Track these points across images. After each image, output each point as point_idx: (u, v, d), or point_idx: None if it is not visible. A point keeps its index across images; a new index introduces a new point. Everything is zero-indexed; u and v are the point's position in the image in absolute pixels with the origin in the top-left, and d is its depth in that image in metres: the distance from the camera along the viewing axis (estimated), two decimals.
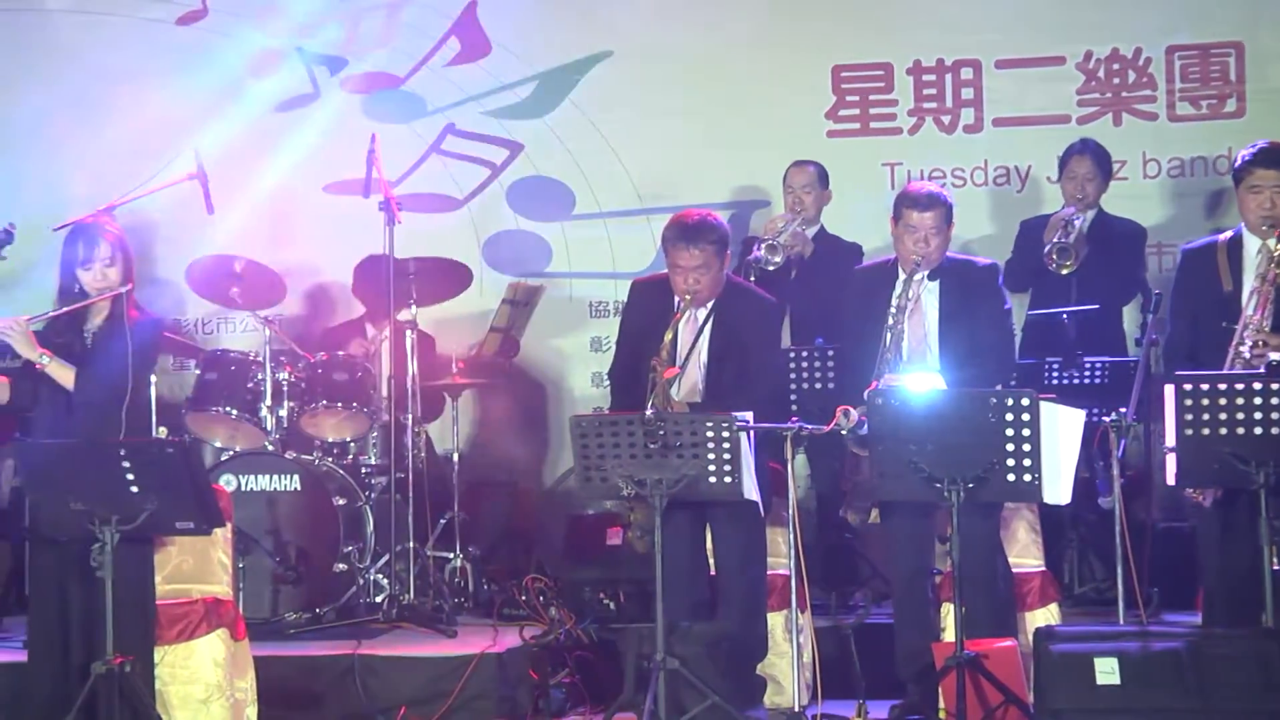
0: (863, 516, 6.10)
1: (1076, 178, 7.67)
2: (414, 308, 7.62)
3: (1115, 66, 8.47)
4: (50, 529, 5.62)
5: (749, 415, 5.76)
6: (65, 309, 5.83)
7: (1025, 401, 5.44)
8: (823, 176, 7.83)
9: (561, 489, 8.52)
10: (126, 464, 5.41)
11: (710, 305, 6.17)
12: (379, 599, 7.24)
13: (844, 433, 5.82)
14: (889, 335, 6.00)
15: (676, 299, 6.14)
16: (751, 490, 5.74)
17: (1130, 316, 7.74)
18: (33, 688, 5.73)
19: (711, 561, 6.27)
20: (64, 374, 5.74)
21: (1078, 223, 7.52)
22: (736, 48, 8.66)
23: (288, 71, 8.89)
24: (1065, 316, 7.36)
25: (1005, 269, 7.66)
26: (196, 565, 6.19)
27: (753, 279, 7.07)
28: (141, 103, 8.74)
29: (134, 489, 5.42)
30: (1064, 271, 7.43)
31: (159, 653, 5.87)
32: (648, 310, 6.24)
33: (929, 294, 6.10)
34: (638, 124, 8.70)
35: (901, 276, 6.08)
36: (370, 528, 7.37)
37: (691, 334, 6.14)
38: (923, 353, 6.06)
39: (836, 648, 6.46)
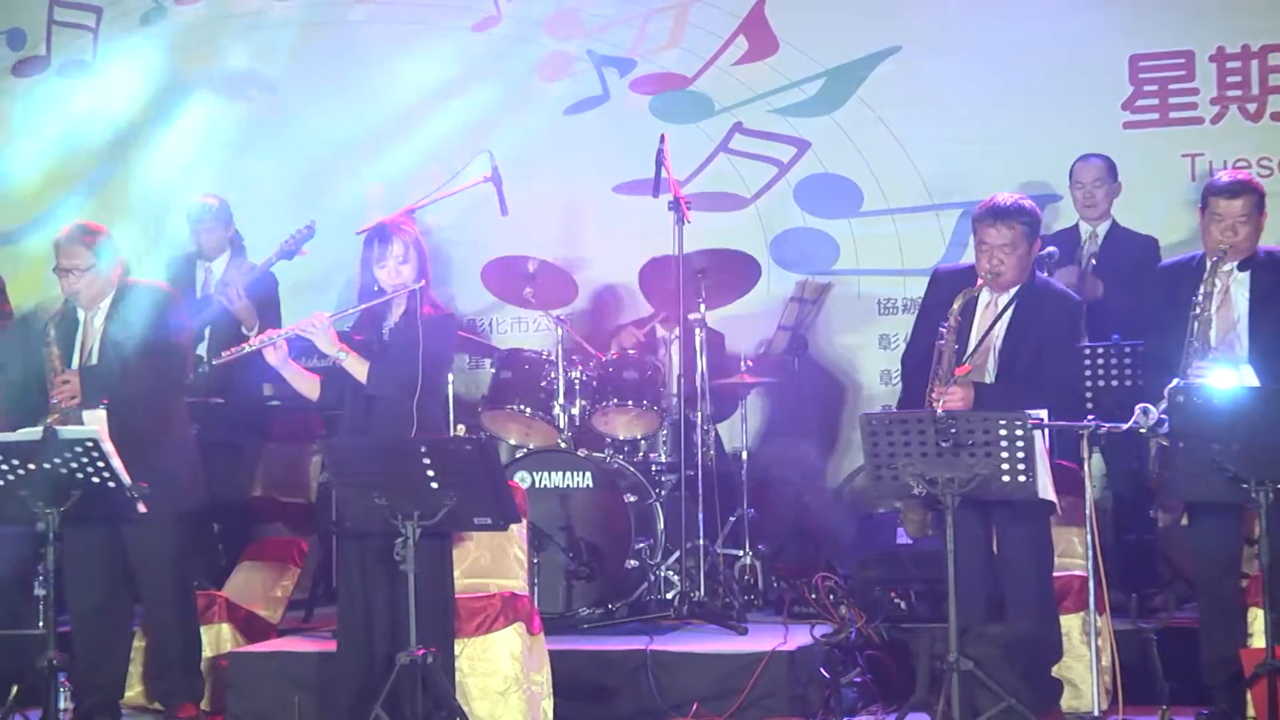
0: (1174, 516, 5.92)
1: None
2: (703, 306, 7.66)
3: None
4: (355, 524, 5.79)
5: (1043, 413, 5.64)
6: (363, 306, 6.01)
7: None
8: (1111, 169, 7.63)
9: (851, 486, 8.47)
10: (427, 461, 5.55)
11: (1012, 293, 6.06)
12: (670, 595, 7.29)
13: (1143, 431, 5.66)
14: (1195, 325, 5.83)
15: (979, 280, 6.05)
16: (1047, 490, 5.62)
17: None
18: (341, 676, 5.91)
19: None
20: (358, 368, 5.91)
21: None
22: (1028, 39, 8.48)
23: (578, 74, 9.03)
24: None
25: None
26: (493, 560, 6.34)
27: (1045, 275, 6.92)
28: (438, 108, 8.98)
29: (434, 485, 5.55)
30: None
31: (459, 645, 6.01)
32: (947, 298, 6.13)
33: (1239, 285, 5.92)
34: (927, 119, 8.60)
35: (1209, 266, 5.91)
36: (661, 525, 7.43)
37: (990, 318, 6.04)
38: (1231, 344, 5.88)
39: (1137, 652, 6.28)
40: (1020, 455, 5.48)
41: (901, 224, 8.67)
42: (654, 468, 7.62)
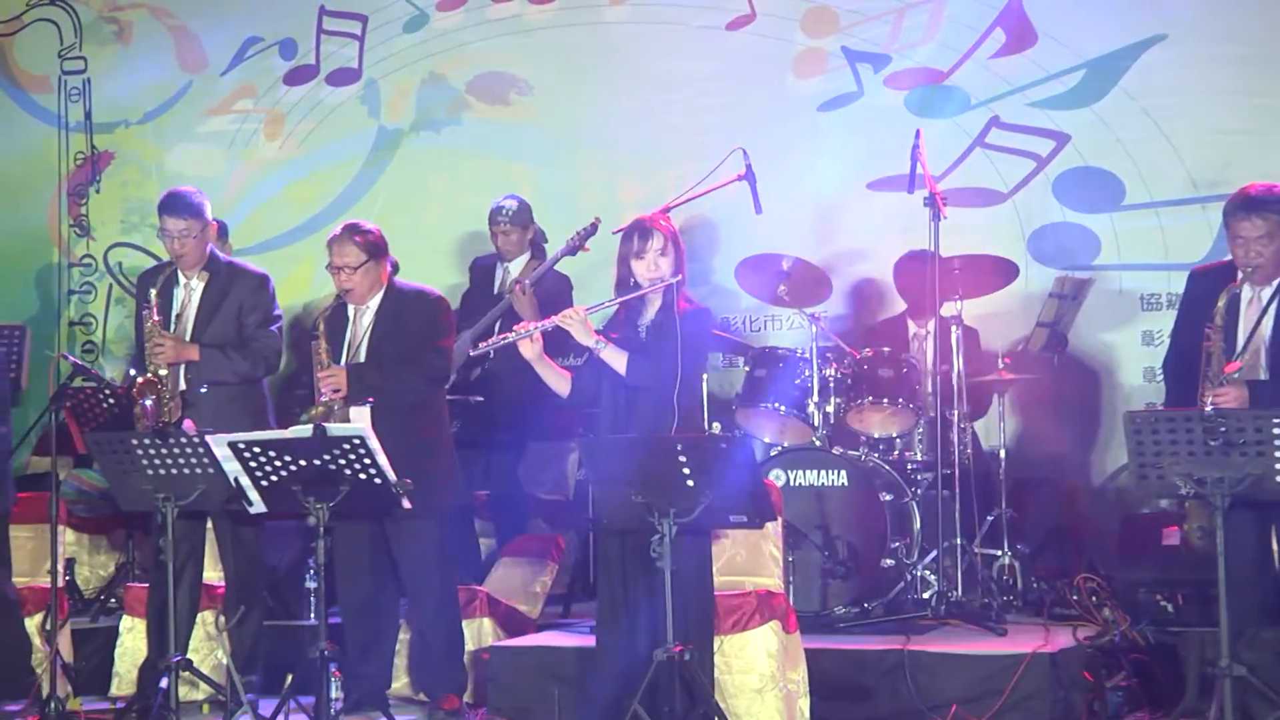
0: None
1: None
2: (959, 302, 7.57)
3: None
4: (613, 520, 5.86)
5: None
6: (620, 299, 6.06)
7: None
8: None
9: (1113, 486, 8.29)
10: (683, 458, 5.58)
11: (1276, 285, 5.87)
12: (927, 595, 7.22)
13: None
14: None
15: (1238, 276, 5.88)
16: None
17: None
18: (600, 672, 5.98)
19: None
20: (617, 360, 5.96)
21: None
22: None
23: (832, 71, 8.98)
24: None
25: None
26: (749, 558, 6.36)
27: None
28: (692, 107, 9.03)
29: (690, 483, 5.59)
30: None
31: (715, 642, 6.04)
32: (1206, 299, 5.98)
33: None
34: (1193, 109, 8.36)
35: None
36: (917, 524, 7.36)
37: (1255, 313, 5.87)
38: None
39: None
40: None
41: (1165, 217, 8.45)
42: (910, 466, 7.56)
